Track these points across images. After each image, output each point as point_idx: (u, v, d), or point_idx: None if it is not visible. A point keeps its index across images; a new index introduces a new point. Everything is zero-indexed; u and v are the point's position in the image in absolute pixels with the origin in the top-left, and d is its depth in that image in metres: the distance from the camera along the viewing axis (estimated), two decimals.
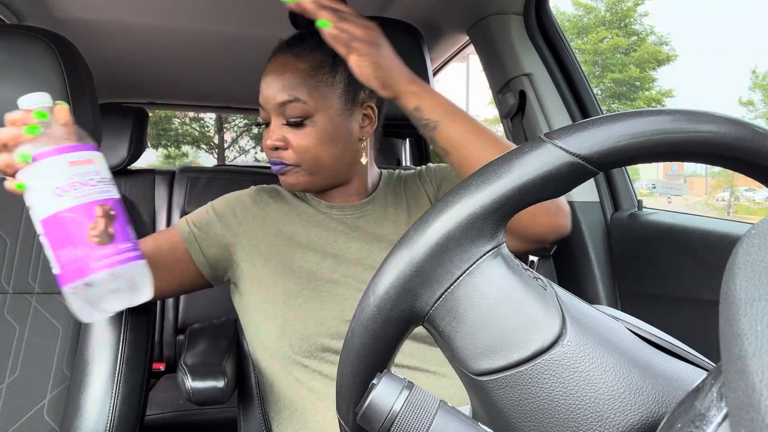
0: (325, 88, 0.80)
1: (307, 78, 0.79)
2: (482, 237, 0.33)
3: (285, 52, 0.81)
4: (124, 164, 1.99)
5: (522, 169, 0.33)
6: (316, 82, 0.79)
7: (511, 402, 0.32)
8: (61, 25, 1.52)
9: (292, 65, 0.80)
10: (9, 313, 0.93)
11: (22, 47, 0.95)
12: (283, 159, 0.80)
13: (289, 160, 0.80)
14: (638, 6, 13.73)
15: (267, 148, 0.81)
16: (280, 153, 0.80)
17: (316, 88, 0.79)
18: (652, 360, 0.33)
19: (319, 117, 0.79)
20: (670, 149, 0.33)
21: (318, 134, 0.79)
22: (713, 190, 12.76)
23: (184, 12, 1.49)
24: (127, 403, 0.89)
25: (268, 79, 0.81)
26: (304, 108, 0.78)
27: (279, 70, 0.80)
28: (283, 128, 0.80)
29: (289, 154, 0.80)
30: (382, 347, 0.35)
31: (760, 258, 0.22)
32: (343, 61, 0.79)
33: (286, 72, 0.79)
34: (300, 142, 0.79)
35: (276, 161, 0.81)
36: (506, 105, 1.30)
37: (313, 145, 0.79)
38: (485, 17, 1.28)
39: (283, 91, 0.78)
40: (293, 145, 0.79)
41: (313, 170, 0.81)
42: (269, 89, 0.80)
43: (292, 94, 0.78)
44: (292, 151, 0.80)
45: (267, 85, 0.81)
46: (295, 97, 0.78)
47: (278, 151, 0.80)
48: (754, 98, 12.59)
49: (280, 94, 0.79)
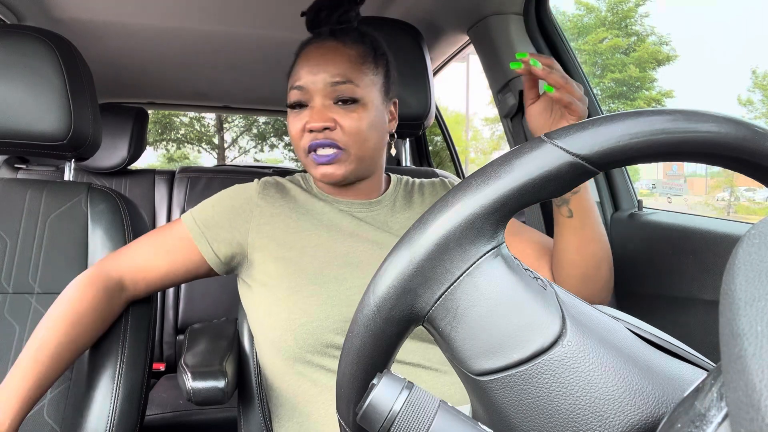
0: (370, 76, 0.82)
1: (357, 64, 0.81)
2: (482, 237, 0.33)
3: (330, 40, 0.83)
4: (124, 164, 1.99)
5: (522, 169, 0.33)
6: (365, 69, 0.82)
7: (511, 402, 0.32)
8: (61, 25, 1.52)
9: (341, 50, 0.81)
10: (9, 313, 0.92)
11: (23, 47, 0.95)
12: (333, 139, 0.79)
13: (340, 141, 0.79)
14: (639, 6, 13.73)
15: (310, 130, 0.79)
16: (329, 133, 0.79)
17: (364, 74, 0.81)
18: (652, 360, 0.33)
19: (367, 102, 0.81)
20: (670, 149, 0.33)
21: (366, 118, 0.80)
22: (713, 190, 12.76)
23: (184, 12, 1.49)
24: (127, 403, 0.89)
25: (314, 61, 0.81)
26: (356, 90, 0.80)
27: (328, 53, 0.81)
28: (332, 109, 0.80)
29: (338, 134, 0.79)
30: (382, 347, 0.35)
31: (760, 258, 0.22)
32: (381, 56, 0.85)
33: (337, 56, 0.81)
34: (351, 123, 0.79)
35: (326, 142, 0.79)
36: (506, 105, 1.30)
37: (363, 128, 0.80)
38: (485, 17, 1.28)
39: (336, 72, 0.79)
40: (343, 126, 0.79)
41: (359, 156, 0.81)
42: (318, 70, 0.80)
43: (345, 75, 0.80)
44: (342, 132, 0.79)
45: (314, 67, 0.80)
46: (348, 79, 0.80)
47: (326, 132, 0.79)
48: (754, 98, 12.59)
49: (332, 75, 0.79)
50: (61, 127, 0.96)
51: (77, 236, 0.97)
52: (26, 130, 0.95)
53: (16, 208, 0.98)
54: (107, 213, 0.99)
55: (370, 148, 0.82)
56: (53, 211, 0.99)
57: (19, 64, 0.94)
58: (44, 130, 0.95)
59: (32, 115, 0.94)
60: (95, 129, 1.03)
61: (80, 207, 0.99)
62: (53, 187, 1.01)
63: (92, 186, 1.02)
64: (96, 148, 1.06)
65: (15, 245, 0.96)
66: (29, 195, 0.99)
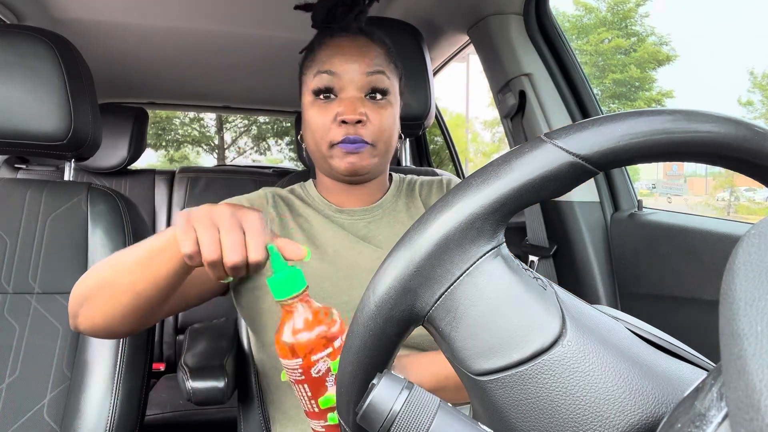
0: (395, 72, 0.83)
1: (387, 60, 0.81)
2: (482, 237, 0.33)
3: (359, 35, 0.82)
4: (124, 164, 1.99)
5: (522, 169, 0.33)
6: (392, 65, 0.82)
7: (511, 402, 0.32)
8: (61, 25, 1.52)
9: (372, 46, 0.81)
10: (9, 313, 0.92)
11: (23, 47, 0.95)
12: (362, 135, 0.78)
13: (368, 137, 0.78)
14: (639, 6, 13.73)
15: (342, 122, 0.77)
16: (359, 128, 0.78)
17: (391, 71, 0.81)
18: (652, 360, 0.33)
19: (392, 99, 0.81)
20: (670, 149, 0.33)
21: (393, 114, 0.80)
22: (713, 190, 12.75)
23: (184, 12, 1.49)
24: (127, 403, 0.89)
25: (350, 50, 0.79)
26: (388, 83, 0.80)
27: (362, 47, 0.80)
28: (364, 102, 0.78)
29: (367, 130, 0.78)
30: (382, 347, 0.35)
31: (760, 258, 0.22)
32: (396, 57, 0.84)
33: (371, 50, 0.80)
34: (381, 118, 0.78)
35: (357, 138, 0.77)
36: (506, 105, 1.30)
37: (389, 124, 0.80)
38: (485, 17, 1.28)
39: (371, 63, 0.79)
40: (373, 121, 0.78)
41: (383, 152, 0.81)
42: (355, 59, 0.78)
43: (381, 66, 0.79)
44: (371, 128, 0.78)
45: (350, 56, 0.78)
46: (382, 70, 0.79)
47: (358, 126, 0.77)
48: (754, 99, 12.59)
49: (367, 65, 0.78)
50: (61, 127, 0.96)
51: (77, 236, 0.97)
52: (26, 130, 0.95)
53: (16, 208, 0.98)
54: (107, 213, 0.99)
55: (392, 144, 0.82)
56: (53, 211, 0.99)
57: (19, 64, 0.94)
58: (44, 130, 0.95)
59: (32, 115, 0.94)
60: (95, 129, 1.04)
61: (80, 207, 0.99)
62: (53, 187, 1.01)
63: (92, 186, 1.02)
64: (96, 148, 1.06)
65: (15, 245, 0.96)
66: (29, 195, 1.00)
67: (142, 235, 1.01)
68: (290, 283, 0.53)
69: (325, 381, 0.53)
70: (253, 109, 2.65)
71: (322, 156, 0.81)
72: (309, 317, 0.54)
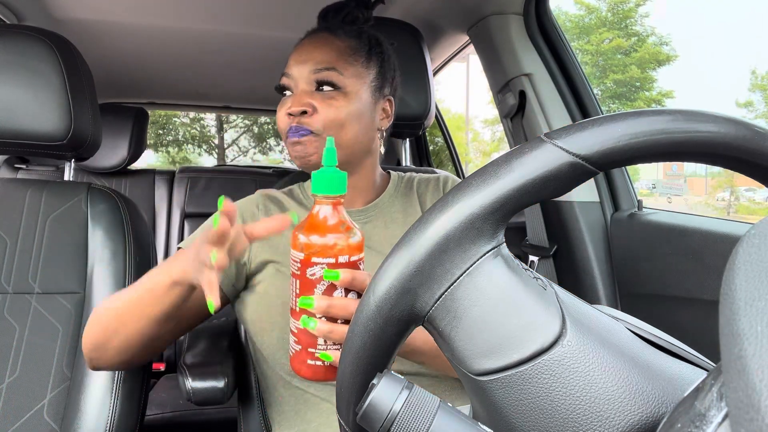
0: (359, 68, 0.82)
1: (345, 54, 0.81)
2: (482, 237, 0.33)
3: (322, 32, 0.83)
4: (124, 164, 1.99)
5: (522, 169, 0.33)
6: (353, 60, 0.82)
7: (511, 402, 0.32)
8: (61, 25, 1.52)
9: (331, 40, 0.82)
10: (9, 313, 0.92)
11: (23, 47, 0.95)
12: (307, 125, 0.79)
13: (313, 127, 0.79)
14: (639, 7, 13.73)
15: (289, 114, 0.79)
16: (304, 119, 0.79)
17: (351, 65, 0.81)
18: (652, 360, 0.33)
19: (349, 92, 0.81)
20: (670, 149, 0.33)
21: (346, 107, 0.80)
22: (713, 190, 12.75)
23: (184, 12, 1.49)
24: (127, 403, 0.89)
25: (304, 48, 0.82)
26: (339, 78, 0.80)
27: (318, 42, 0.82)
28: (313, 95, 0.80)
29: (314, 120, 0.79)
30: (382, 347, 0.35)
31: (760, 258, 0.22)
32: (377, 53, 0.84)
33: (326, 45, 0.81)
34: (329, 110, 0.79)
35: (300, 127, 0.79)
36: (506, 105, 1.30)
37: (341, 116, 0.79)
38: (485, 17, 1.28)
39: (322, 59, 0.80)
40: (321, 112, 0.79)
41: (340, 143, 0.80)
42: (305, 56, 0.81)
43: (330, 63, 0.80)
44: (318, 118, 0.79)
45: (302, 53, 0.82)
46: (332, 66, 0.80)
47: (303, 116, 0.79)
48: (753, 99, 12.59)
49: (317, 61, 0.80)
50: (61, 127, 0.96)
51: (77, 236, 0.97)
52: (26, 130, 0.95)
53: (16, 208, 0.98)
54: (107, 213, 0.99)
55: (345, 137, 0.80)
56: (53, 211, 0.99)
57: (19, 64, 0.94)
58: (44, 130, 0.95)
59: (32, 115, 0.94)
60: (95, 129, 1.04)
61: (80, 207, 0.99)
62: (53, 187, 1.01)
63: (92, 186, 1.02)
64: (96, 148, 1.06)
65: (15, 245, 0.96)
66: (29, 195, 0.99)
67: (142, 235, 1.01)
68: (329, 183, 0.56)
69: (315, 286, 0.55)
70: (253, 109, 2.65)
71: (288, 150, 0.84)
72: (329, 223, 0.56)
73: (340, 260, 0.55)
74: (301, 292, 0.56)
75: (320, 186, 0.56)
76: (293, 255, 0.56)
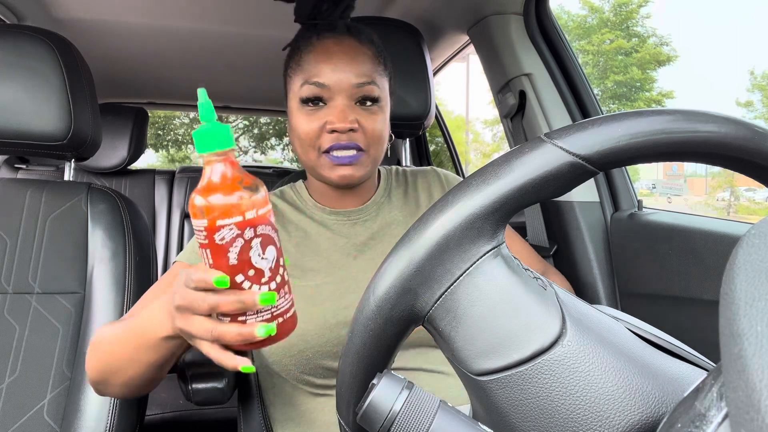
0: (384, 78, 0.81)
1: (375, 64, 0.79)
2: (482, 237, 0.33)
3: (347, 37, 0.79)
4: (124, 164, 1.99)
5: (522, 169, 0.33)
6: (381, 71, 0.80)
7: (511, 402, 0.32)
8: (61, 25, 1.52)
9: (361, 50, 0.78)
10: (9, 313, 0.92)
11: (23, 47, 0.95)
12: (356, 141, 0.77)
13: (362, 143, 0.77)
14: (641, 8, 13.73)
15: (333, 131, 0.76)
16: (353, 135, 0.77)
17: (381, 76, 0.80)
18: (652, 360, 0.33)
19: (383, 105, 0.80)
20: (670, 149, 0.33)
21: (384, 120, 0.79)
22: (713, 190, 12.75)
23: (183, 12, 1.49)
24: (126, 403, 0.89)
25: (337, 58, 0.77)
26: (377, 91, 0.78)
27: (350, 52, 0.78)
28: (354, 109, 0.77)
29: (360, 137, 0.77)
30: (382, 347, 0.35)
31: (760, 258, 0.22)
32: (385, 57, 0.82)
33: (359, 55, 0.78)
34: (373, 125, 0.77)
35: (350, 144, 0.76)
36: (506, 105, 1.30)
37: (381, 130, 0.78)
38: (485, 17, 1.28)
39: (361, 72, 0.77)
40: (366, 128, 0.77)
41: (375, 158, 0.80)
42: (343, 68, 0.76)
43: (369, 76, 0.77)
44: (363, 135, 0.77)
45: (338, 62, 0.76)
46: (372, 80, 0.77)
47: (350, 134, 0.76)
48: (753, 99, 12.59)
49: (357, 75, 0.76)
50: (61, 127, 0.96)
51: (77, 236, 0.97)
52: (26, 130, 0.95)
53: (16, 208, 0.98)
54: (107, 213, 0.99)
55: (383, 149, 0.81)
56: (53, 210, 0.99)
57: (19, 64, 0.94)
58: (44, 130, 0.95)
59: (32, 115, 0.94)
60: (95, 129, 1.04)
61: (80, 207, 0.99)
62: (53, 187, 1.01)
63: (92, 186, 1.02)
64: (96, 148, 1.06)
65: (15, 245, 0.96)
66: (29, 195, 1.00)
67: (142, 234, 1.01)
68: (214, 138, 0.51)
69: (227, 251, 0.49)
70: (253, 109, 2.65)
71: (311, 163, 0.80)
72: (226, 180, 0.50)
73: (248, 216, 0.49)
74: (215, 262, 0.50)
75: (207, 144, 0.51)
76: (196, 225, 0.50)
